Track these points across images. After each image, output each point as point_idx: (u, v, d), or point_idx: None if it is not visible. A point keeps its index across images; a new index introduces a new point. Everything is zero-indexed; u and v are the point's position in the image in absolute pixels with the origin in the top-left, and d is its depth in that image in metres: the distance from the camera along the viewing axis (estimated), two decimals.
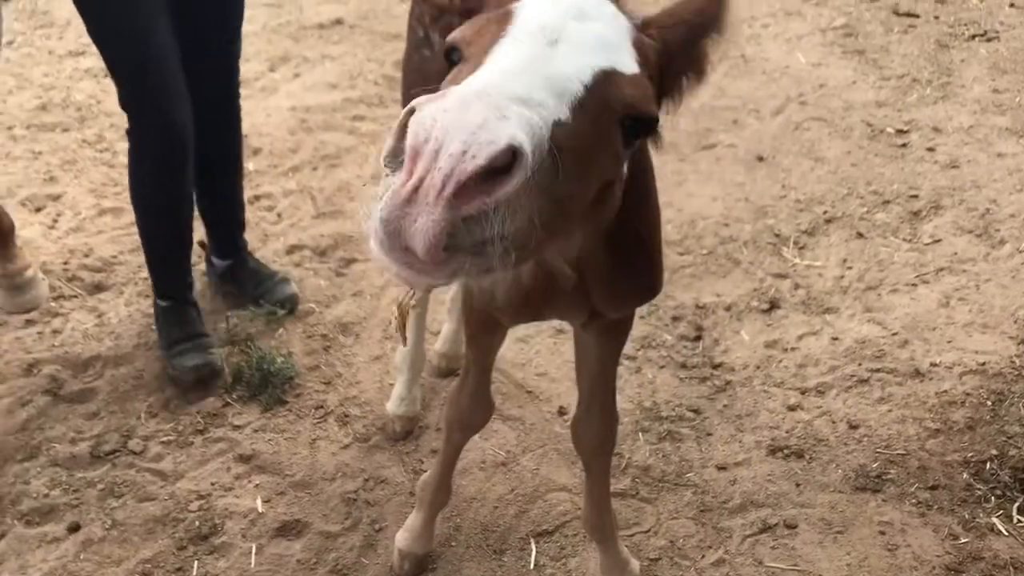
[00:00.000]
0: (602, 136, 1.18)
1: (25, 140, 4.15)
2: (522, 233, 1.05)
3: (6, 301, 3.25)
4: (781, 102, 4.36)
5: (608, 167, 1.22)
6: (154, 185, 2.83)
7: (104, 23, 2.57)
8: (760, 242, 3.56)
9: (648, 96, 1.23)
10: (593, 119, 1.15)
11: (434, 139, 0.96)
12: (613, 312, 1.89)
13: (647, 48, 1.30)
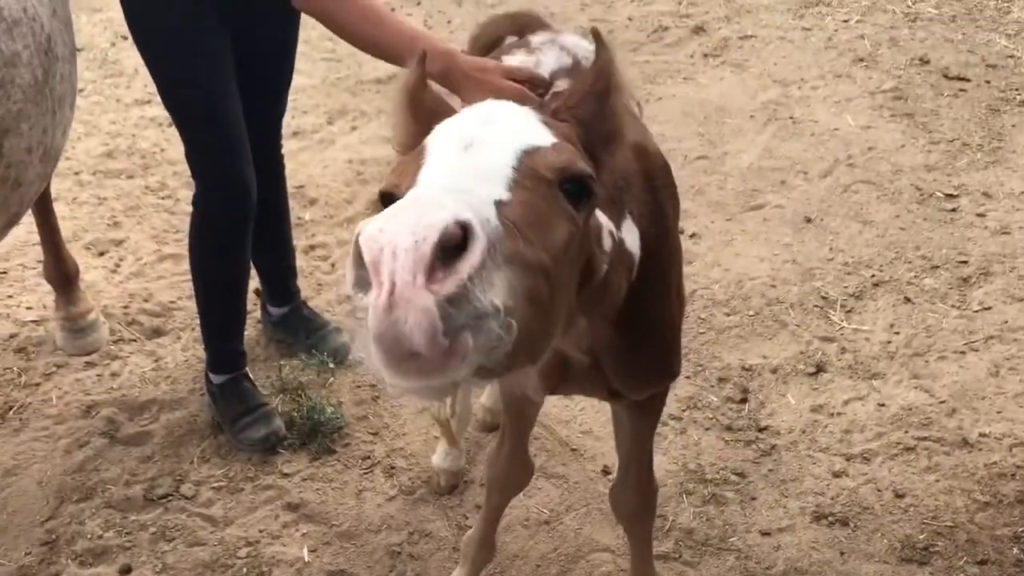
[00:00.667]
0: (549, 205, 1.20)
1: (91, 186, 4.30)
2: (517, 307, 1.07)
3: (68, 343, 3.37)
4: (829, 164, 4.38)
5: (570, 233, 1.23)
6: (216, 249, 2.88)
7: (172, 79, 2.66)
8: (807, 304, 3.57)
9: (573, 156, 1.26)
10: (532, 191, 1.18)
11: (387, 244, 0.99)
12: (631, 393, 1.91)
13: (561, 128, 1.35)
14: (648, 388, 1.94)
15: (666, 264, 1.79)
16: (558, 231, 1.19)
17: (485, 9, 5.95)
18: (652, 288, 1.72)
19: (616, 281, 1.58)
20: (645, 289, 1.69)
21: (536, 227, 1.14)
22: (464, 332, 1.01)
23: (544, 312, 1.15)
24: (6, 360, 3.36)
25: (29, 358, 3.38)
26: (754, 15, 5.72)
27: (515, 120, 1.31)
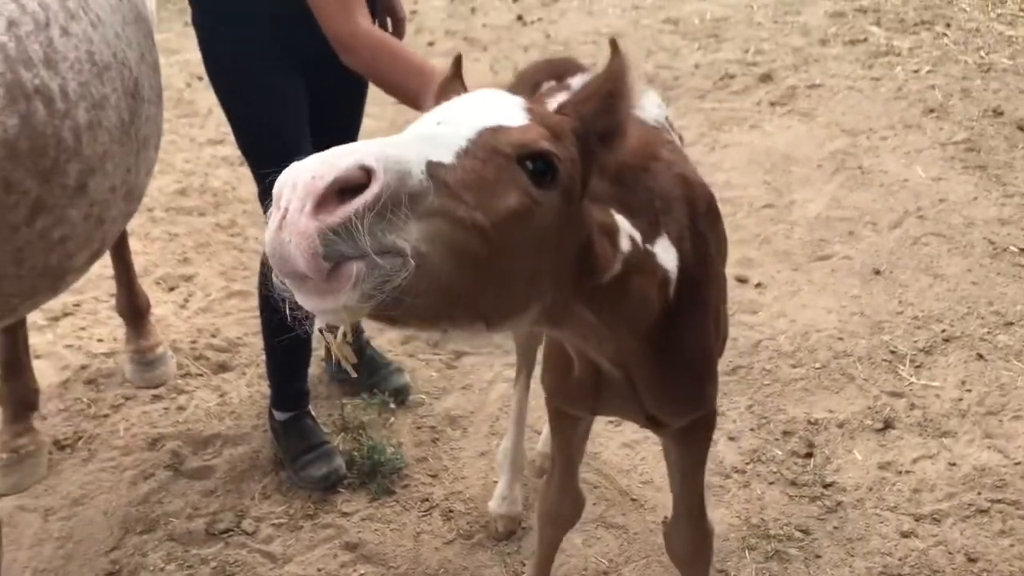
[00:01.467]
0: (499, 175, 1.22)
1: (164, 222, 4.41)
2: (434, 256, 1.12)
3: (136, 376, 3.44)
4: (899, 215, 4.31)
5: (521, 204, 1.24)
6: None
7: (246, 120, 2.72)
8: (875, 358, 3.49)
9: (536, 136, 1.27)
10: (483, 161, 1.21)
11: (291, 178, 1.07)
12: (667, 418, 1.93)
13: (548, 118, 1.37)
14: (681, 414, 1.93)
15: (705, 291, 1.79)
16: (504, 199, 1.21)
17: (551, 55, 6.02)
18: (688, 312, 1.73)
19: (640, 289, 1.60)
20: (681, 312, 1.71)
21: (476, 192, 1.18)
22: (352, 263, 1.06)
23: (478, 269, 1.19)
24: (77, 391, 3.44)
25: (99, 390, 3.45)
26: (822, 64, 5.69)
27: (492, 103, 1.33)
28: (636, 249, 1.57)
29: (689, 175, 1.84)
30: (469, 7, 6.92)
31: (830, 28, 6.14)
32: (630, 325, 1.65)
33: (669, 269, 1.67)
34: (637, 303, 1.62)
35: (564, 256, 1.38)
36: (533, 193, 1.25)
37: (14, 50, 1.73)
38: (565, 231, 1.35)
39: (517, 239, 1.24)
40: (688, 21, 6.35)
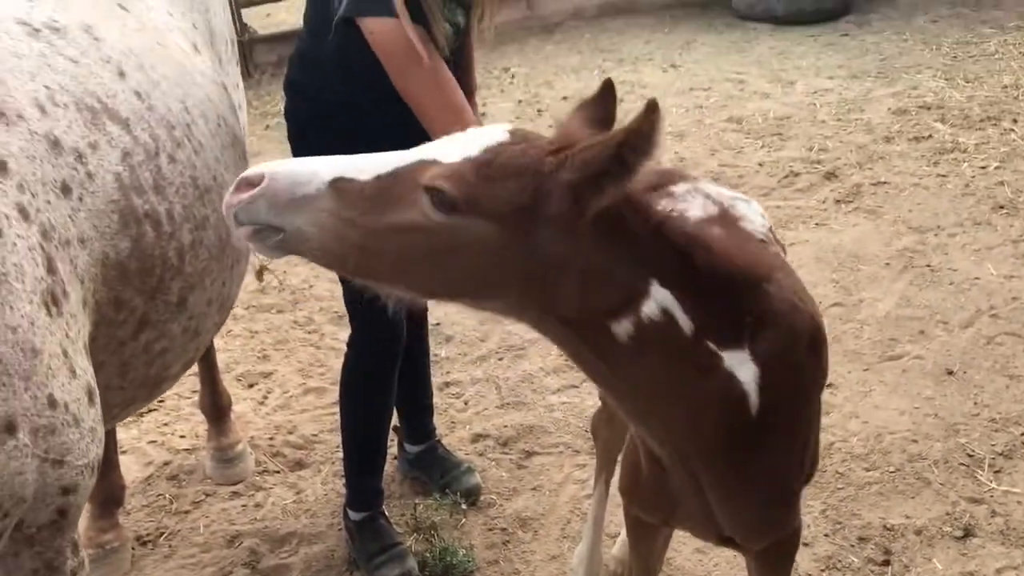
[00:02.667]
0: (401, 196, 1.51)
1: (244, 320, 4.58)
2: (315, 234, 1.52)
3: (217, 472, 3.54)
4: (971, 314, 4.27)
5: (410, 220, 1.50)
6: (365, 390, 3.03)
7: None
8: (952, 462, 3.43)
9: (446, 176, 1.48)
10: (391, 184, 1.52)
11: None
12: (740, 538, 1.91)
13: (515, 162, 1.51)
14: (756, 537, 1.92)
15: (793, 419, 1.80)
16: (396, 214, 1.51)
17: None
18: (772, 436, 1.75)
19: (668, 370, 1.66)
20: (764, 433, 1.73)
21: (372, 203, 1.51)
22: (250, 228, 1.53)
23: (367, 255, 1.54)
24: (159, 487, 3.55)
25: (180, 485, 3.56)
26: (887, 161, 5.72)
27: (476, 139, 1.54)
28: (672, 328, 1.61)
29: (798, 302, 1.84)
30: (535, 108, 7.13)
31: (894, 125, 6.18)
32: (666, 412, 1.72)
33: (745, 385, 1.69)
34: (664, 384, 1.67)
35: (513, 271, 1.55)
36: (428, 213, 1.49)
37: (128, 178, 1.88)
38: (508, 252, 1.52)
39: (415, 243, 1.52)
40: (751, 120, 6.45)
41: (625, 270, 1.58)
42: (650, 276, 1.59)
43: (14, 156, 1.60)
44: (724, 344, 1.67)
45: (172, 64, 2.22)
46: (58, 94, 1.79)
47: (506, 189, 1.48)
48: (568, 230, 1.51)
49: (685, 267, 1.61)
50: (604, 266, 1.56)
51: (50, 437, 1.52)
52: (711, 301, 1.65)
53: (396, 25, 2.29)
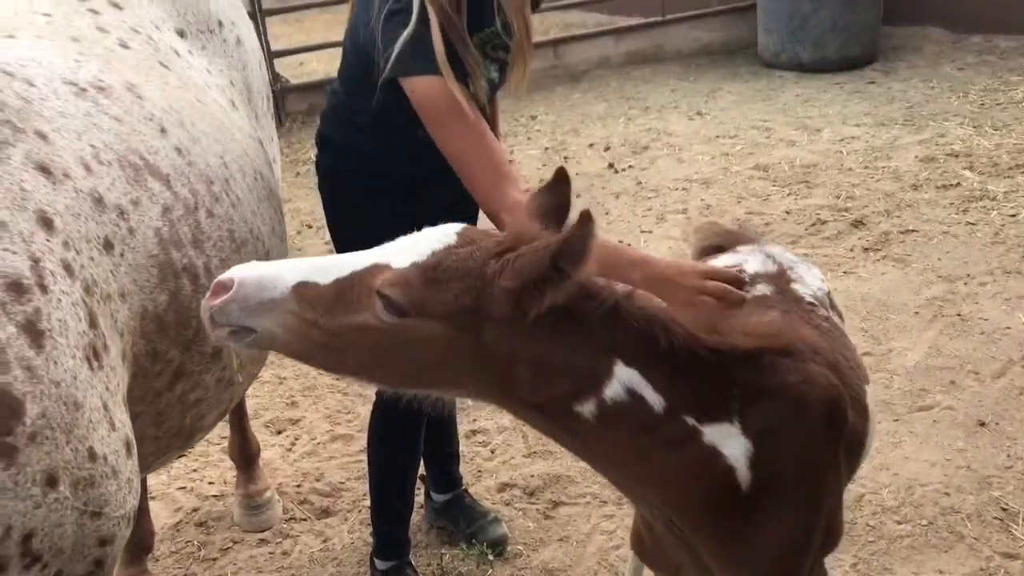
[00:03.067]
0: (357, 299, 1.60)
1: (272, 366, 4.62)
2: (282, 334, 1.62)
3: (245, 519, 3.55)
4: (1003, 364, 4.23)
5: (364, 322, 1.59)
6: (393, 439, 3.05)
7: None
8: (985, 516, 3.39)
9: (394, 282, 1.58)
10: (348, 288, 1.60)
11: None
12: None
13: (455, 268, 1.59)
14: None
15: (793, 496, 1.78)
16: (352, 316, 1.60)
17: (642, 201, 6.20)
18: (766, 512, 1.74)
19: (640, 445, 1.69)
20: (755, 509, 1.74)
21: (331, 305, 1.60)
22: (227, 329, 1.62)
23: (330, 352, 1.65)
24: (188, 533, 3.57)
25: (209, 532, 3.58)
26: (915, 209, 5.72)
27: (425, 244, 1.64)
28: (640, 406, 1.64)
29: (818, 374, 1.82)
30: (562, 155, 7.20)
31: (922, 173, 6.18)
32: (643, 482, 1.78)
33: (729, 456, 1.70)
34: (636, 457, 1.71)
35: (466, 365, 1.63)
36: (381, 316, 1.58)
37: (167, 233, 1.93)
38: (458, 349, 1.60)
39: (372, 341, 1.61)
40: (778, 168, 6.48)
41: (581, 357, 1.63)
42: (613, 357, 1.64)
43: (60, 214, 1.65)
44: (705, 418, 1.69)
45: (211, 120, 2.28)
46: (103, 152, 1.85)
47: (450, 292, 1.57)
48: (513, 329, 1.57)
49: (651, 345, 1.64)
50: (557, 356, 1.62)
51: (89, 489, 1.54)
52: (686, 376, 1.67)
53: (440, 83, 2.33)
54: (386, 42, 2.35)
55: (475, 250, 1.61)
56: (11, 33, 2.05)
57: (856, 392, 1.98)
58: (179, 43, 2.45)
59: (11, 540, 1.42)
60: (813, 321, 2.08)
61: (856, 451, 2.01)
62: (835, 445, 1.86)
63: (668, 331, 1.64)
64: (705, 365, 1.68)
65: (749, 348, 1.71)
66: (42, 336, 1.50)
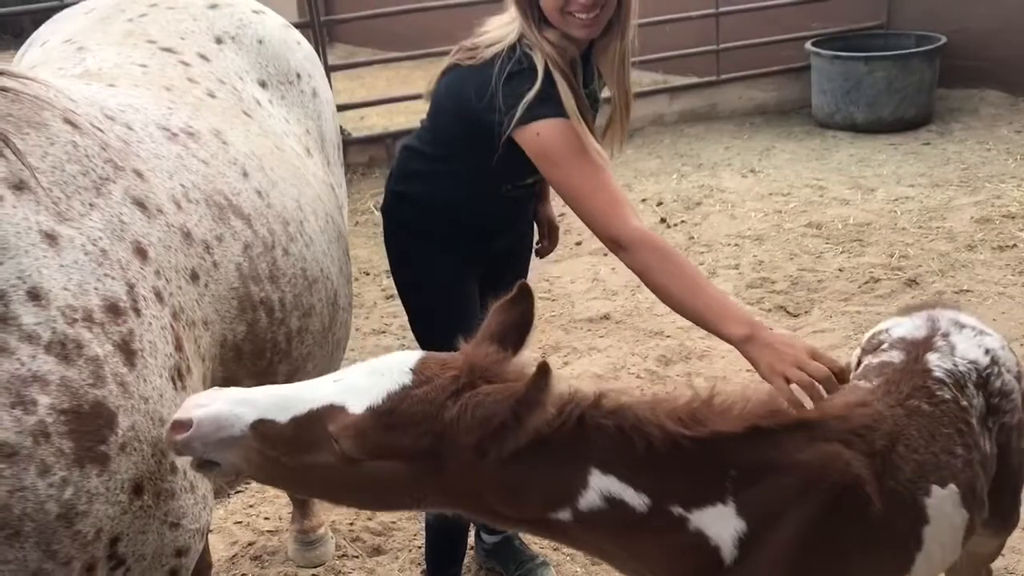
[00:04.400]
0: (315, 440, 1.60)
1: None
2: (245, 466, 1.62)
3: (298, 555, 3.64)
4: None
5: (323, 459, 1.61)
6: None
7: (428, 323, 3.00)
8: None
9: (348, 432, 1.58)
10: (306, 428, 1.59)
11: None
12: None
13: (410, 412, 1.59)
14: None
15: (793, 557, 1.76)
16: (310, 455, 1.61)
17: (695, 256, 6.26)
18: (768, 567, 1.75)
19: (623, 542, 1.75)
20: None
21: (289, 444, 1.60)
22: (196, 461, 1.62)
23: (297, 485, 1.77)
24: (243, 566, 3.67)
25: (263, 566, 3.67)
26: (970, 269, 5.70)
27: (373, 381, 1.62)
28: (620, 509, 1.67)
29: (832, 458, 1.80)
30: None
31: (977, 234, 6.17)
32: (628, 564, 1.86)
33: (712, 536, 1.73)
34: (617, 548, 1.78)
35: (434, 494, 1.68)
36: (336, 453, 1.59)
37: (247, 268, 2.06)
38: (422, 483, 1.64)
39: (336, 478, 1.63)
40: (831, 225, 6.51)
41: (550, 476, 1.66)
42: (587, 467, 1.66)
43: (153, 245, 1.79)
44: (693, 505, 1.73)
45: (288, 166, 2.43)
46: (191, 191, 1.99)
47: (408, 437, 1.59)
48: (476, 466, 1.61)
49: (627, 449, 1.66)
50: (525, 481, 1.65)
51: (170, 500, 1.65)
52: (671, 469, 1.70)
53: (567, 124, 2.51)
54: (509, 100, 2.52)
55: (431, 390, 1.60)
56: (111, 82, 2.22)
57: (908, 487, 1.91)
58: (261, 93, 2.62)
59: (100, 542, 1.53)
60: (913, 398, 2.02)
61: (894, 551, 1.93)
62: (841, 532, 1.82)
63: (642, 432, 1.66)
64: (690, 455, 1.70)
65: (735, 430, 1.72)
66: (135, 355, 1.62)
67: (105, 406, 1.55)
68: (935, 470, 1.95)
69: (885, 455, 1.89)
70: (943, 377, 2.08)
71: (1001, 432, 2.16)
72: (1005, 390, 2.16)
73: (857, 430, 1.88)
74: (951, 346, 2.14)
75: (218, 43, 2.62)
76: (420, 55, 9.11)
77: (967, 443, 2.04)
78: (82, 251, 1.64)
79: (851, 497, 1.82)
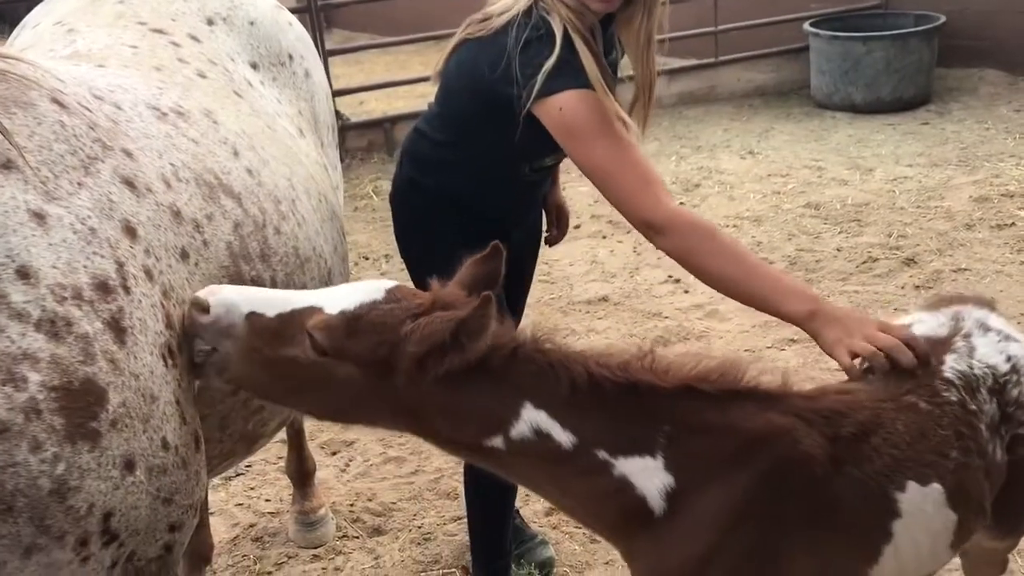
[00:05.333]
0: (292, 335, 1.78)
1: None
2: (232, 358, 1.81)
3: (299, 535, 3.66)
4: None
5: (293, 354, 1.78)
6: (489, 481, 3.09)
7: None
8: None
9: (321, 326, 1.75)
10: (286, 324, 1.78)
11: None
12: None
13: (378, 321, 1.76)
14: None
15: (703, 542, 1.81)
16: (286, 348, 1.78)
17: None
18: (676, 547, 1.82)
19: (551, 474, 1.86)
20: (666, 541, 1.83)
21: (271, 337, 1.79)
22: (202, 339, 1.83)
23: (273, 378, 1.85)
24: (245, 548, 3.69)
25: (264, 547, 3.69)
26: (968, 248, 5.70)
27: (358, 292, 1.81)
28: (547, 443, 1.79)
29: (777, 429, 1.83)
30: None
31: (975, 213, 6.16)
32: (560, 502, 1.99)
33: (637, 486, 1.81)
34: (546, 482, 1.91)
35: (380, 405, 1.82)
36: (308, 353, 1.76)
37: (238, 247, 2.06)
38: (371, 392, 1.79)
39: (301, 373, 1.79)
40: (830, 206, 6.50)
41: (485, 404, 1.79)
42: (521, 399, 1.79)
43: (143, 224, 1.79)
44: (619, 452, 1.81)
45: (280, 145, 2.43)
46: (181, 170, 2.00)
47: (367, 343, 1.75)
48: (419, 382, 1.74)
49: (556, 386, 1.78)
50: (463, 405, 1.79)
51: (162, 476, 1.66)
52: (598, 413, 1.80)
53: (591, 96, 2.34)
54: (527, 70, 2.35)
55: (396, 308, 1.77)
56: (101, 63, 2.22)
57: (877, 478, 1.90)
58: (252, 74, 2.62)
59: (93, 517, 1.54)
60: (912, 395, 1.99)
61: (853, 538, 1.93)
62: (782, 504, 1.84)
63: (568, 371, 1.78)
64: (619, 403, 1.80)
65: (664, 385, 1.80)
66: (124, 333, 1.63)
67: (95, 383, 1.56)
68: (916, 467, 1.93)
69: (852, 442, 1.89)
70: (953, 378, 2.04)
71: (1016, 442, 2.10)
72: (1023, 400, 2.09)
73: (823, 412, 1.89)
74: (971, 348, 2.10)
75: (209, 24, 2.62)
76: (418, 39, 9.10)
77: (966, 447, 2.00)
78: (71, 230, 1.64)
79: (799, 473, 1.84)
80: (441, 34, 10.01)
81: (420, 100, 9.81)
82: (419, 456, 4.13)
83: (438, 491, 3.90)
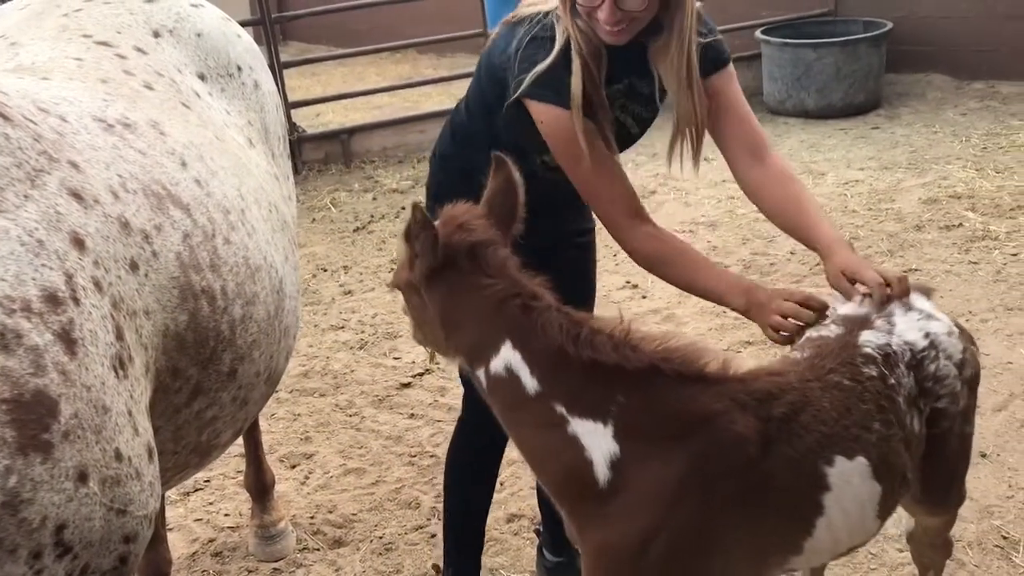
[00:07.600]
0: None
1: (287, 403, 4.73)
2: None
3: (259, 549, 3.64)
4: (1004, 398, 4.30)
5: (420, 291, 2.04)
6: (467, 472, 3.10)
7: None
8: (986, 544, 3.44)
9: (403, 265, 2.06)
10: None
11: None
12: None
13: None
14: None
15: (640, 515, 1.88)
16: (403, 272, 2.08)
17: None
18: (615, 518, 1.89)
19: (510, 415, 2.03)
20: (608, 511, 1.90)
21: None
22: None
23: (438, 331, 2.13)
24: (204, 563, 3.66)
25: (224, 562, 3.66)
26: (918, 249, 5.82)
27: None
28: (515, 384, 1.94)
29: (712, 414, 1.92)
30: None
31: (924, 214, 6.29)
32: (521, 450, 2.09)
33: (588, 448, 1.89)
34: (511, 423, 2.04)
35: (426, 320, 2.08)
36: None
37: (187, 258, 2.06)
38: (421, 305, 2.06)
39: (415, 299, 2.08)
40: None
41: (475, 324, 1.98)
42: (503, 336, 1.95)
43: (91, 236, 1.79)
44: (576, 411, 1.91)
45: (229, 156, 2.43)
46: (129, 182, 1.99)
47: (407, 268, 2.07)
48: (427, 291, 2.02)
49: (535, 335, 1.92)
50: (459, 322, 2.01)
51: (116, 487, 1.66)
52: (564, 372, 1.92)
53: (564, 117, 2.40)
54: (523, 66, 2.44)
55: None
56: (45, 76, 2.21)
57: (808, 455, 1.97)
58: (200, 86, 2.62)
59: (46, 529, 1.53)
60: (835, 373, 2.07)
61: (787, 513, 2.00)
62: (719, 483, 1.91)
63: (549, 324, 1.92)
64: (581, 366, 1.90)
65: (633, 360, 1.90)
66: (75, 344, 1.63)
67: (47, 394, 1.55)
68: (842, 442, 2.01)
69: (783, 422, 1.97)
70: (872, 354, 2.12)
71: (936, 415, 2.20)
72: (940, 375, 2.19)
73: (756, 395, 1.97)
74: (891, 326, 2.18)
75: (156, 36, 2.61)
76: (374, 50, 9.10)
77: (887, 419, 2.08)
78: (18, 242, 1.64)
79: (734, 453, 1.92)
80: (397, 45, 10.01)
81: (377, 111, 9.81)
82: (379, 467, 4.13)
83: (399, 501, 3.89)
